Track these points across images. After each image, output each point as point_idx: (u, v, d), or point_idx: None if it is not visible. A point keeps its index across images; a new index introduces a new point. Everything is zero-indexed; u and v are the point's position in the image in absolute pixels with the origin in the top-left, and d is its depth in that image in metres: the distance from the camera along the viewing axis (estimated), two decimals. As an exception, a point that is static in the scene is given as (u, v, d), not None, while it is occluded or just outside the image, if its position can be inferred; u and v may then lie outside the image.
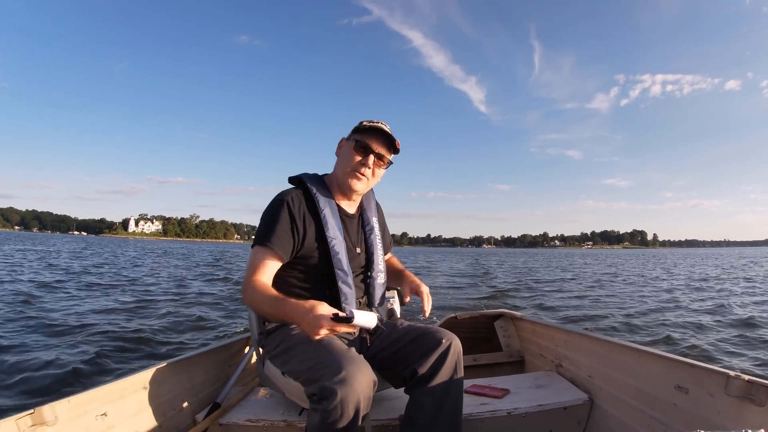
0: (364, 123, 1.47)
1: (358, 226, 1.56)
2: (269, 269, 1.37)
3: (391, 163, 1.52)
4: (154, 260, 21.13)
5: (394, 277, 1.70)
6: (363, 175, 1.46)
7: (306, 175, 1.52)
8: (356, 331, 1.23)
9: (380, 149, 1.46)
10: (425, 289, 1.58)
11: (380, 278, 1.57)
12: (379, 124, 1.46)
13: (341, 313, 1.14)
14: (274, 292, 1.29)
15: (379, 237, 1.60)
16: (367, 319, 1.18)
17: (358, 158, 1.45)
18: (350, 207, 1.55)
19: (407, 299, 1.60)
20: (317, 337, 1.15)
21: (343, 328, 1.15)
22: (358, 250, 1.53)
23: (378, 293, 1.57)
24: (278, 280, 1.41)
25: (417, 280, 1.63)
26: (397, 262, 1.76)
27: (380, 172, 1.51)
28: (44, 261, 16.68)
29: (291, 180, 1.54)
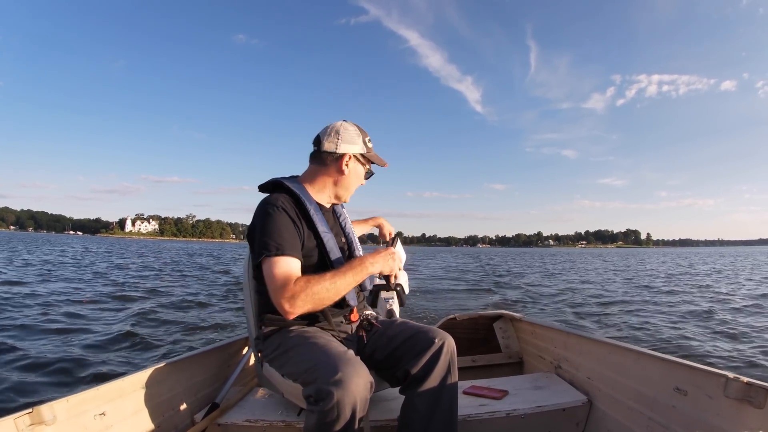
0: (372, 150, 1.57)
1: (334, 217, 1.61)
2: (298, 273, 1.33)
3: None
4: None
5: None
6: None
7: (283, 178, 1.52)
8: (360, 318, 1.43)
9: None
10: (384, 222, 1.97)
11: None
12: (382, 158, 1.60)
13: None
14: (320, 276, 1.29)
15: (351, 223, 1.69)
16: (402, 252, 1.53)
17: (363, 182, 1.60)
18: (325, 202, 1.59)
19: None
20: (396, 269, 1.45)
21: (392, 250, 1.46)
22: (343, 239, 1.58)
23: (367, 279, 1.59)
24: None
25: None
26: None
27: None
28: (107, 260, 18.16)
29: (263, 187, 1.53)
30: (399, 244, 1.57)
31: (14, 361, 3.47)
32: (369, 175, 1.61)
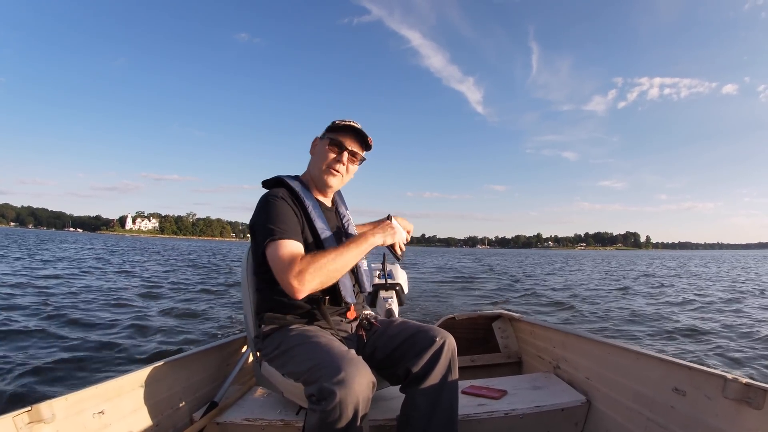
0: (337, 122, 1.53)
1: (336, 217, 1.62)
2: (302, 253, 1.34)
3: (364, 159, 1.59)
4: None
5: None
6: (338, 171, 1.52)
7: (283, 176, 1.55)
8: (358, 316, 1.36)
9: (353, 146, 1.53)
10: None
11: (365, 264, 1.64)
12: (352, 123, 1.52)
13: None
14: (324, 251, 1.32)
15: (354, 226, 1.68)
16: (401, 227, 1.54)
17: (333, 156, 1.51)
18: (327, 201, 1.61)
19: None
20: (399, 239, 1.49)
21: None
22: (344, 239, 1.57)
23: (366, 279, 1.62)
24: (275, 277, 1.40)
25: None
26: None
27: (354, 168, 1.58)
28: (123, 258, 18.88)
29: (266, 183, 1.55)
30: (395, 220, 1.58)
31: (23, 357, 3.52)
32: (361, 160, 1.58)
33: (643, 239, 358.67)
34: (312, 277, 1.25)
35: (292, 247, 1.32)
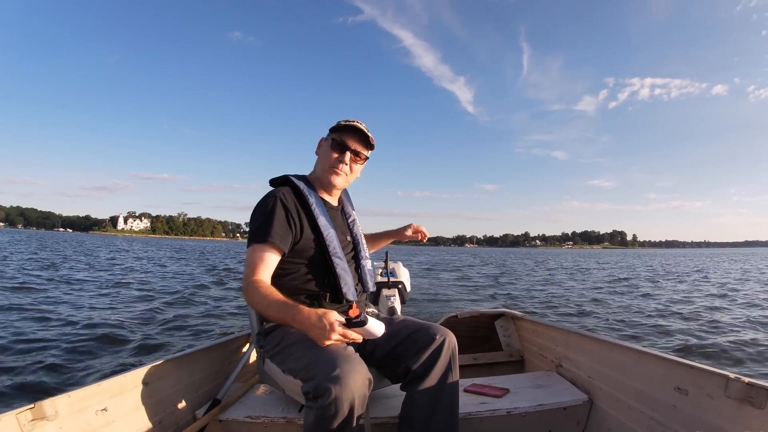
0: (341, 122, 1.56)
1: (342, 217, 1.63)
2: (269, 266, 1.38)
3: (367, 158, 1.60)
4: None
5: (379, 239, 1.94)
6: (341, 171, 1.54)
7: (290, 174, 1.57)
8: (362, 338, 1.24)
9: (356, 146, 1.54)
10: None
11: (369, 264, 1.65)
12: (355, 123, 1.54)
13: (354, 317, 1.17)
14: (280, 296, 1.29)
15: (360, 226, 1.70)
16: (377, 326, 1.22)
17: (336, 155, 1.53)
18: (333, 200, 1.63)
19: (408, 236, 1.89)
20: (326, 344, 1.18)
21: (353, 334, 1.18)
22: (348, 238, 1.59)
23: (369, 278, 1.62)
24: (278, 273, 1.42)
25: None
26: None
27: (358, 167, 1.60)
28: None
29: (273, 182, 1.57)
30: (372, 320, 1.21)
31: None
32: (365, 159, 1.59)
33: (630, 238, 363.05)
34: (251, 299, 1.33)
35: (262, 254, 1.36)
